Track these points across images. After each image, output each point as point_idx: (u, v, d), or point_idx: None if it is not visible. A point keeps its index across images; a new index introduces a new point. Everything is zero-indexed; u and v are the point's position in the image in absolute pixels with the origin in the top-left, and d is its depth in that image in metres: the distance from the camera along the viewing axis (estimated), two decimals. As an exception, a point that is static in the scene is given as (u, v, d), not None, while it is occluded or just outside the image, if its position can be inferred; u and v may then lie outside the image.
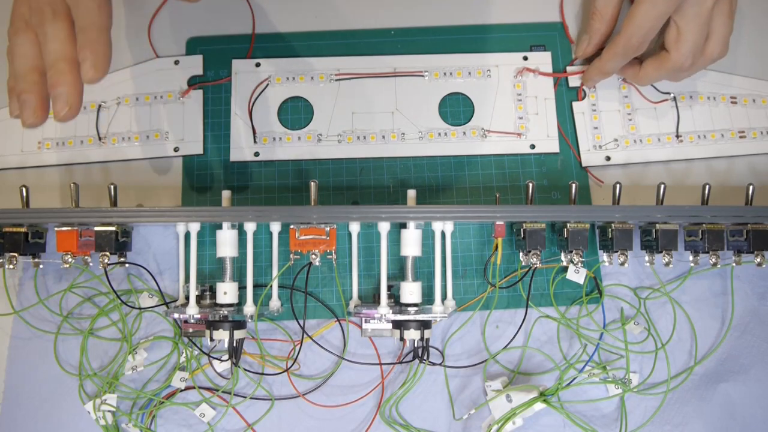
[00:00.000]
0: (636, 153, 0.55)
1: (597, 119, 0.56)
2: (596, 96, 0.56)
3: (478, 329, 0.52)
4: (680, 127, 0.56)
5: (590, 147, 0.55)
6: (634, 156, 0.55)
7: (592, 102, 0.56)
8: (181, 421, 0.50)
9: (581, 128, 0.56)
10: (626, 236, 0.49)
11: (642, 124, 0.56)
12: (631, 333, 0.52)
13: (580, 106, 0.56)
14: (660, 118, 0.56)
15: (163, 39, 0.57)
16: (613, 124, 0.56)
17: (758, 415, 0.51)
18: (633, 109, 0.56)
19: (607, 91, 0.56)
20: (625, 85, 0.56)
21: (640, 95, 0.56)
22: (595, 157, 0.55)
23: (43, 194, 0.53)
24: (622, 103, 0.56)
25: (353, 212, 0.48)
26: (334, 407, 0.51)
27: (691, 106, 0.56)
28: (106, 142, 0.55)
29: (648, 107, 0.56)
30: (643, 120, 0.56)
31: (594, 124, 0.56)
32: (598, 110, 0.56)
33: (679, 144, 0.55)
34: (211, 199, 0.54)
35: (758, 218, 0.48)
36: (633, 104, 0.56)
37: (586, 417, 0.51)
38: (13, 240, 0.48)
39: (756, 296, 0.52)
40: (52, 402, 0.51)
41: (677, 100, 0.56)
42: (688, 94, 0.56)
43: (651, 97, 0.56)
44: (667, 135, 0.55)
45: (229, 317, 0.48)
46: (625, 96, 0.56)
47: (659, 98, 0.56)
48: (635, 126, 0.55)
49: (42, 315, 0.52)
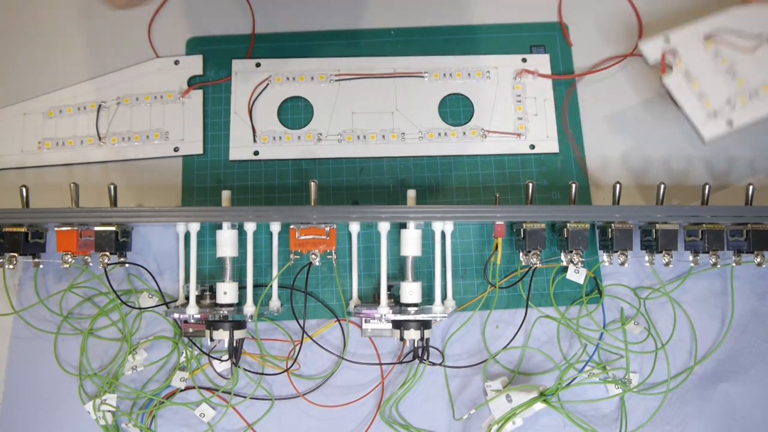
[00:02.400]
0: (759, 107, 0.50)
1: (697, 86, 0.50)
2: (683, 63, 0.51)
3: (478, 329, 0.52)
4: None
5: (704, 118, 0.50)
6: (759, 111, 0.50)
7: (683, 70, 0.51)
8: (181, 421, 0.50)
9: (686, 102, 0.50)
10: (626, 236, 0.49)
11: (750, 76, 0.50)
12: (631, 333, 0.52)
13: (674, 79, 0.51)
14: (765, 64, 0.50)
15: (163, 39, 0.57)
16: (718, 86, 0.50)
17: (758, 415, 0.51)
18: (731, 63, 0.51)
19: (693, 54, 0.51)
20: (710, 42, 0.51)
21: (730, 48, 0.51)
22: (715, 126, 0.50)
23: (43, 194, 0.53)
24: (716, 61, 0.51)
25: (353, 212, 0.48)
26: (334, 407, 0.51)
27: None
28: (106, 142, 0.55)
29: (746, 57, 0.51)
30: (749, 71, 0.50)
31: (697, 93, 0.50)
32: (692, 76, 0.50)
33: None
34: (211, 199, 0.54)
35: (758, 218, 0.48)
36: (729, 58, 0.51)
37: (586, 417, 0.51)
38: (13, 240, 0.48)
39: (756, 296, 0.52)
40: (52, 402, 0.51)
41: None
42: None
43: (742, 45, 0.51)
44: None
45: (229, 317, 0.48)
46: (715, 54, 0.51)
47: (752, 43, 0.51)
48: (743, 80, 0.50)
49: (42, 315, 0.52)
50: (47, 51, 0.58)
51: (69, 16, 0.58)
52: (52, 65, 0.57)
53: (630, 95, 0.57)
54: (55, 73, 0.57)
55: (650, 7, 0.59)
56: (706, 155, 0.55)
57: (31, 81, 0.56)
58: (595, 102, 0.56)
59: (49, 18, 0.58)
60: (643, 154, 0.55)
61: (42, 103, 0.56)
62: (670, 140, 0.56)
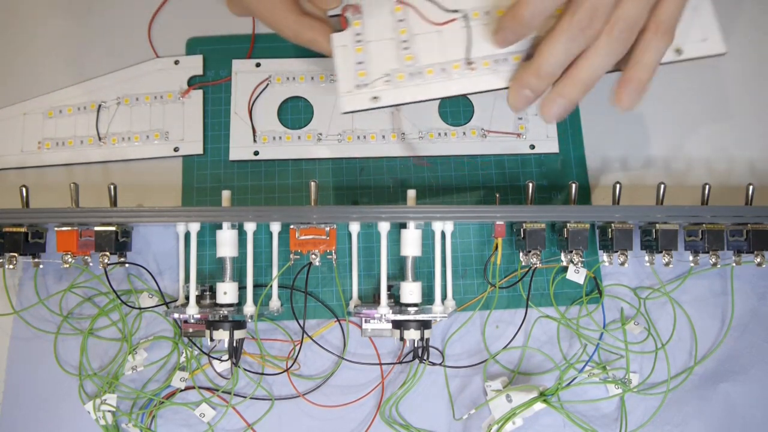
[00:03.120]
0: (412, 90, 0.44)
1: (362, 51, 0.45)
2: (362, 22, 0.45)
3: (478, 329, 0.52)
4: (473, 51, 0.44)
5: (350, 88, 0.44)
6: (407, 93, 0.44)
7: (357, 31, 0.45)
8: (181, 421, 0.50)
9: (340, 66, 0.45)
10: (626, 236, 0.49)
11: (423, 53, 0.45)
12: (631, 333, 0.52)
13: (341, 38, 0.45)
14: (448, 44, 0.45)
15: (163, 39, 0.57)
16: (383, 56, 0.45)
17: (758, 415, 0.51)
18: (411, 34, 0.45)
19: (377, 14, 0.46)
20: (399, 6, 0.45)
21: (419, 17, 0.45)
22: (358, 99, 0.44)
23: (43, 194, 0.53)
24: (396, 28, 0.45)
25: (353, 212, 0.48)
26: (334, 407, 0.51)
27: (488, 23, 0.44)
28: (106, 142, 0.55)
29: (430, 32, 0.45)
30: (425, 47, 0.45)
31: (358, 58, 0.45)
32: (364, 39, 0.45)
33: (471, 72, 0.44)
34: (211, 199, 0.54)
35: (758, 218, 0.48)
36: (410, 28, 0.45)
37: (586, 417, 0.51)
38: (13, 240, 0.48)
39: (756, 296, 0.52)
40: (52, 402, 0.51)
41: (469, 19, 0.45)
42: (483, 11, 0.45)
43: (434, 17, 0.45)
44: (455, 63, 0.44)
45: (229, 317, 0.48)
46: (400, 20, 0.45)
47: (445, 18, 0.45)
48: (413, 56, 0.44)
49: (42, 315, 0.52)
50: (47, 51, 0.58)
51: (69, 16, 0.58)
52: (52, 65, 0.57)
53: (630, 95, 0.57)
54: (55, 73, 0.57)
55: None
56: (707, 155, 0.55)
57: (31, 81, 0.56)
58: (595, 102, 0.56)
59: (49, 18, 0.58)
60: (643, 154, 0.55)
61: (42, 103, 0.56)
62: (671, 140, 0.56)
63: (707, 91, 0.57)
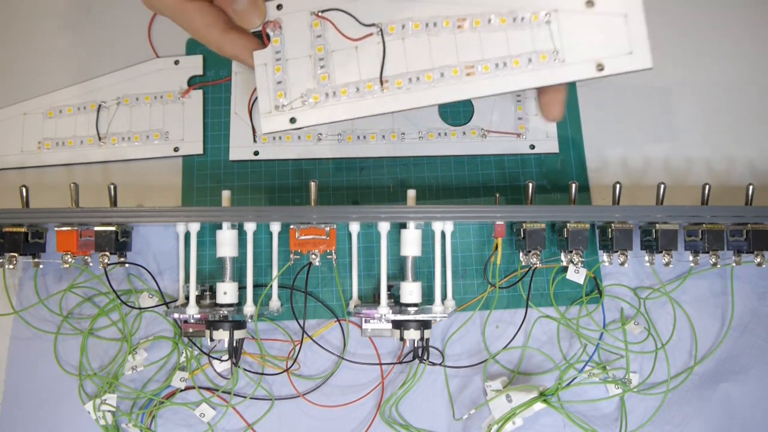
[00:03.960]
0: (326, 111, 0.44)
1: (280, 71, 0.44)
2: (282, 39, 0.44)
3: (478, 329, 0.52)
4: (386, 68, 0.43)
5: (269, 109, 0.44)
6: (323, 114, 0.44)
7: (277, 48, 0.44)
8: (181, 421, 0.50)
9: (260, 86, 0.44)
10: (626, 236, 0.49)
11: (337, 72, 0.44)
12: (631, 333, 0.52)
13: (262, 56, 0.44)
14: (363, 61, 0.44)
15: (163, 39, 0.57)
16: (300, 75, 0.44)
17: (758, 415, 0.51)
18: (327, 51, 0.44)
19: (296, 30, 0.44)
20: (317, 21, 0.44)
21: (336, 32, 0.44)
22: (277, 121, 0.44)
23: (43, 194, 0.53)
24: (314, 45, 0.44)
25: (353, 212, 0.48)
26: (334, 407, 0.51)
27: (404, 38, 0.44)
28: (106, 142, 0.55)
29: (345, 48, 0.44)
30: (338, 65, 0.44)
31: (277, 78, 0.44)
32: (284, 57, 0.44)
33: (384, 93, 0.43)
34: (211, 199, 0.54)
35: (758, 218, 0.48)
36: (327, 46, 0.44)
37: (586, 417, 0.51)
38: (13, 240, 0.48)
39: (756, 296, 0.52)
40: (52, 402, 0.51)
41: (384, 33, 0.44)
42: (400, 23, 0.43)
43: (351, 33, 0.44)
44: (368, 82, 0.44)
45: (229, 317, 0.48)
46: (318, 35, 0.44)
47: (362, 33, 0.44)
48: (327, 75, 0.44)
49: (42, 315, 0.52)
50: (47, 51, 0.58)
51: (69, 16, 0.58)
52: (52, 65, 0.57)
53: (630, 95, 0.57)
54: (55, 73, 0.57)
55: (650, 7, 0.59)
56: (707, 155, 0.55)
57: (31, 81, 0.56)
58: (595, 102, 0.56)
59: (49, 18, 0.59)
60: (643, 154, 0.55)
61: (42, 103, 0.56)
62: (671, 140, 0.56)
63: (707, 91, 0.57)
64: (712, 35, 0.59)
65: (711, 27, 0.59)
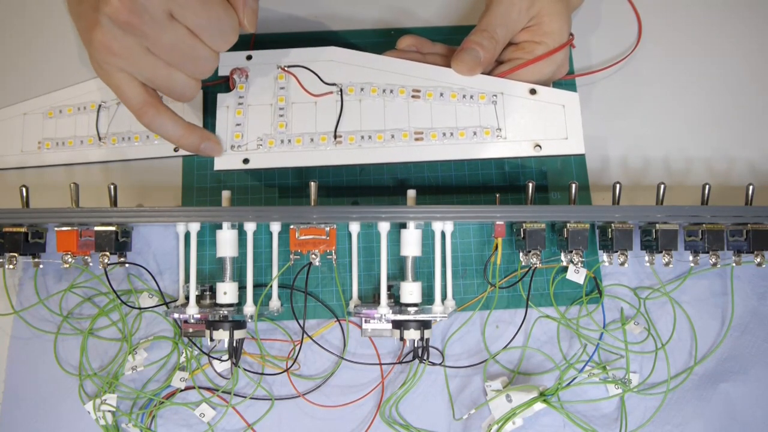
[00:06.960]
0: (279, 156, 0.48)
1: (241, 114, 0.49)
2: (246, 87, 0.49)
3: (478, 329, 0.52)
4: (341, 124, 0.48)
5: (226, 147, 0.49)
6: (276, 159, 0.48)
7: (240, 94, 0.49)
8: (181, 421, 0.50)
9: (219, 125, 0.49)
10: (626, 236, 0.49)
11: (295, 121, 0.49)
12: (631, 333, 0.52)
13: (226, 98, 0.50)
14: (321, 115, 0.49)
15: (163, 39, 0.57)
16: (259, 121, 0.49)
17: (758, 415, 0.51)
18: (288, 102, 0.49)
19: (262, 79, 0.49)
20: (282, 75, 0.49)
21: (298, 85, 0.49)
22: (230, 160, 0.48)
23: (43, 194, 0.53)
24: (276, 94, 0.49)
25: (353, 212, 0.48)
26: (334, 407, 0.51)
27: (361, 100, 0.49)
28: (106, 142, 0.55)
29: (308, 101, 0.49)
30: (298, 116, 0.49)
31: (237, 120, 0.49)
32: (246, 102, 0.49)
33: (336, 146, 0.48)
34: (211, 199, 0.54)
35: (758, 218, 0.48)
36: (289, 97, 0.49)
37: (586, 417, 0.51)
38: (13, 240, 0.48)
39: (756, 296, 0.52)
40: (52, 402, 0.51)
41: (343, 93, 0.49)
42: (359, 86, 0.49)
43: (313, 89, 0.49)
44: (323, 135, 0.48)
45: (229, 317, 0.48)
46: (282, 87, 0.49)
47: (323, 90, 0.49)
48: (285, 123, 0.48)
49: (42, 315, 0.52)
50: (47, 51, 0.58)
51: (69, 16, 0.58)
52: (52, 65, 0.57)
53: (630, 95, 0.57)
54: (55, 73, 0.57)
55: (650, 7, 0.59)
56: (706, 155, 0.55)
57: (31, 81, 0.56)
58: (595, 102, 0.56)
59: (49, 18, 0.59)
60: (643, 154, 0.55)
61: (42, 103, 0.55)
62: (671, 140, 0.56)
63: (707, 91, 0.57)
64: (712, 35, 0.59)
65: (711, 27, 0.59)
